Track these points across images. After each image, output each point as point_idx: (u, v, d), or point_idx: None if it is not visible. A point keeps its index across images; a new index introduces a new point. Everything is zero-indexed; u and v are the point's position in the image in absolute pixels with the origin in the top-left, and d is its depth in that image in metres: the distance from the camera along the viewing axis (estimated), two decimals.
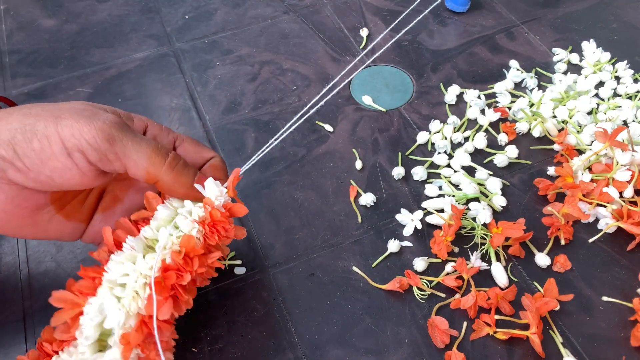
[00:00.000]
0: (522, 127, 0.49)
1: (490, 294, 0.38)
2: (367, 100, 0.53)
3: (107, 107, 0.33)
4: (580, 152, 0.46)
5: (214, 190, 0.33)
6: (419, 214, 0.43)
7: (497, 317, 0.37)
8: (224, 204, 0.33)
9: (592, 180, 0.44)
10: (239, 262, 0.41)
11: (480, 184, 0.45)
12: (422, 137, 0.49)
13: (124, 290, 0.30)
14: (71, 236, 0.36)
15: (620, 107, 0.50)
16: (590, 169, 0.45)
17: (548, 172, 0.46)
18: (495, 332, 0.37)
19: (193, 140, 0.36)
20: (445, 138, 0.49)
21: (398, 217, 0.43)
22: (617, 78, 0.53)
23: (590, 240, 0.42)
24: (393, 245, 0.41)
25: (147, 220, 0.34)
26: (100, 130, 0.29)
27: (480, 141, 0.48)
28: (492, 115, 0.50)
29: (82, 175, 0.30)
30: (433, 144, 0.49)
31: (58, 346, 0.31)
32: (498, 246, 0.40)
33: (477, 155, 0.48)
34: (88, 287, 0.30)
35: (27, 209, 0.32)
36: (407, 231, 0.43)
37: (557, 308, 0.38)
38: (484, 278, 0.40)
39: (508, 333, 0.36)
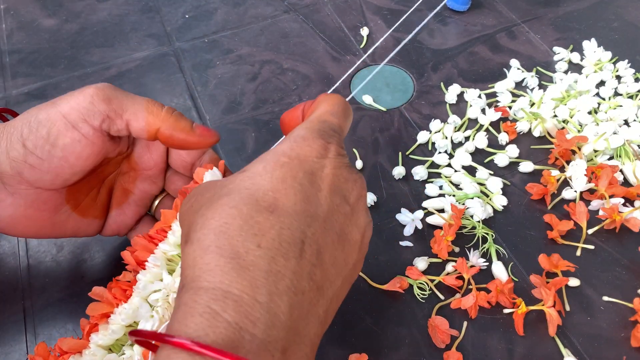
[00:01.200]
0: (522, 126, 0.49)
1: (490, 287, 0.39)
2: (367, 99, 0.53)
3: None
4: (574, 152, 0.46)
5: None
6: (420, 213, 0.43)
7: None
8: None
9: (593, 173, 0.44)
10: None
11: (480, 184, 0.45)
12: (422, 137, 0.49)
13: (157, 301, 0.32)
14: (88, 232, 0.38)
15: (621, 106, 0.50)
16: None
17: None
18: (519, 306, 0.37)
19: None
20: (446, 137, 0.49)
21: (398, 217, 0.43)
22: (618, 77, 0.53)
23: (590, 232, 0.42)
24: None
25: (163, 230, 0.35)
26: (95, 94, 0.32)
27: (480, 141, 0.48)
28: (493, 115, 0.50)
29: (92, 144, 0.32)
30: (434, 143, 0.49)
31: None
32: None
33: (478, 155, 0.48)
34: (120, 295, 0.33)
35: (46, 211, 0.34)
36: (408, 231, 0.43)
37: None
38: (485, 277, 0.40)
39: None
